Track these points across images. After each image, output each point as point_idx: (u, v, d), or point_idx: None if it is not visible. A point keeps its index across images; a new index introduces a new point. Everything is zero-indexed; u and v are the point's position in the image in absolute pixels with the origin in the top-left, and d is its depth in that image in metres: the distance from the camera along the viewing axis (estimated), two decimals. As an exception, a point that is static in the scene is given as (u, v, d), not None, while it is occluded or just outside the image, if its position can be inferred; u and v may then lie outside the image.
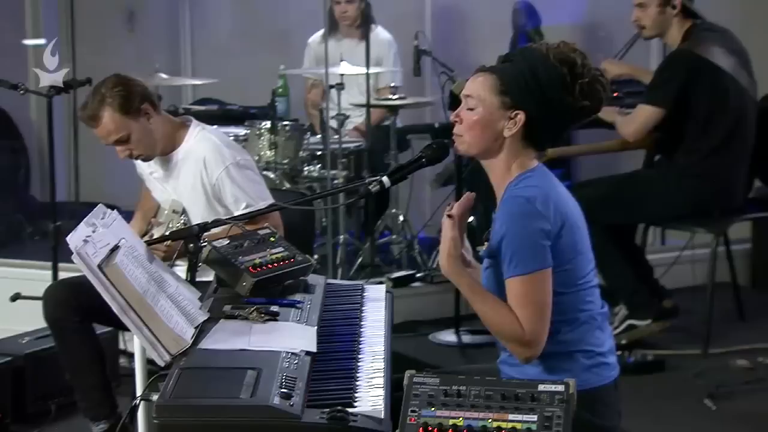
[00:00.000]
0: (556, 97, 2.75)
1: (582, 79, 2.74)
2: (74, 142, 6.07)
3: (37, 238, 6.74)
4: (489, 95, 2.78)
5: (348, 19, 6.54)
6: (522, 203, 2.73)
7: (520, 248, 2.70)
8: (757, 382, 4.84)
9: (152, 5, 7.93)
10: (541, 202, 2.73)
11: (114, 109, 3.88)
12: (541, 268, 2.70)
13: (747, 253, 6.41)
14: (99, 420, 4.07)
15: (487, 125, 2.78)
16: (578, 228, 2.81)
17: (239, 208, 3.93)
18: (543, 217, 2.71)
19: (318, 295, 3.03)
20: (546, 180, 2.82)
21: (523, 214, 2.72)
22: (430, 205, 6.89)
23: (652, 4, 5.17)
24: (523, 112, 2.76)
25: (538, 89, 2.75)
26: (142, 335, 2.58)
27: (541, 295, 2.70)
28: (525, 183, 2.78)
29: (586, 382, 2.72)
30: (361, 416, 2.36)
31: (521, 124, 2.77)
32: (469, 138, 2.81)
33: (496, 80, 2.78)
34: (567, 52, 2.76)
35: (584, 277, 2.81)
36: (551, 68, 2.75)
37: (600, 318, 2.84)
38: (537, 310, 2.70)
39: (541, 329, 2.70)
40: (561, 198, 2.80)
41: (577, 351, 2.78)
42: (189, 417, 2.31)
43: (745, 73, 5.21)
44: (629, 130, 5.19)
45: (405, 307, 5.50)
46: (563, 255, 2.75)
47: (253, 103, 6.49)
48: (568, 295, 2.77)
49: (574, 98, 2.75)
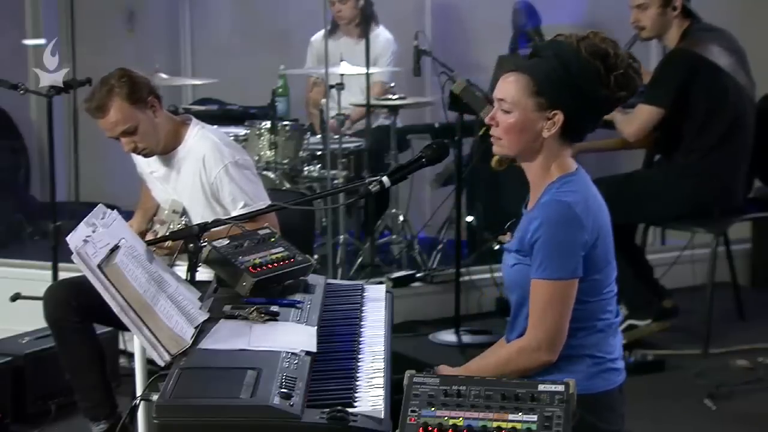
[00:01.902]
0: (593, 92, 2.70)
1: (617, 71, 2.69)
2: (74, 142, 6.07)
3: (37, 238, 6.74)
4: (523, 97, 2.72)
5: (343, 18, 6.57)
6: (564, 209, 2.67)
7: (554, 254, 2.66)
8: (757, 382, 4.84)
9: (152, 5, 7.93)
10: (582, 209, 2.68)
11: (122, 99, 3.87)
12: (569, 277, 2.67)
13: (747, 253, 6.41)
14: (99, 420, 4.07)
15: (525, 128, 2.72)
16: (609, 237, 2.77)
17: (237, 207, 3.93)
18: (582, 227, 2.67)
19: (318, 295, 3.03)
20: (586, 186, 2.77)
21: (563, 221, 2.67)
22: (430, 205, 6.89)
23: (653, 5, 5.15)
24: (561, 111, 2.71)
25: (574, 87, 2.69)
26: (142, 335, 2.58)
27: (563, 303, 2.68)
28: (567, 187, 2.72)
29: (592, 386, 2.73)
30: (361, 416, 2.36)
31: (560, 123, 2.72)
32: (507, 141, 2.75)
33: (529, 81, 2.71)
34: (598, 44, 2.69)
35: (609, 286, 2.78)
36: (585, 63, 2.68)
37: (616, 325, 2.83)
38: (556, 317, 2.68)
39: (559, 335, 2.68)
40: (598, 206, 2.76)
41: (587, 356, 2.76)
42: (189, 417, 2.30)
43: (743, 72, 5.22)
44: (630, 130, 5.19)
45: (405, 307, 5.50)
46: (595, 265, 2.71)
47: (253, 103, 6.50)
48: (591, 303, 2.74)
49: (611, 90, 2.70)
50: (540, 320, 2.69)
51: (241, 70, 7.13)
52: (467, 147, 5.54)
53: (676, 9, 5.15)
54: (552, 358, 2.70)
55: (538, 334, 2.69)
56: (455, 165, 5.56)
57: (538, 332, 2.69)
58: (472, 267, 5.85)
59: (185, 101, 7.11)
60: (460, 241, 5.62)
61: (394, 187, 3.71)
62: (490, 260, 5.63)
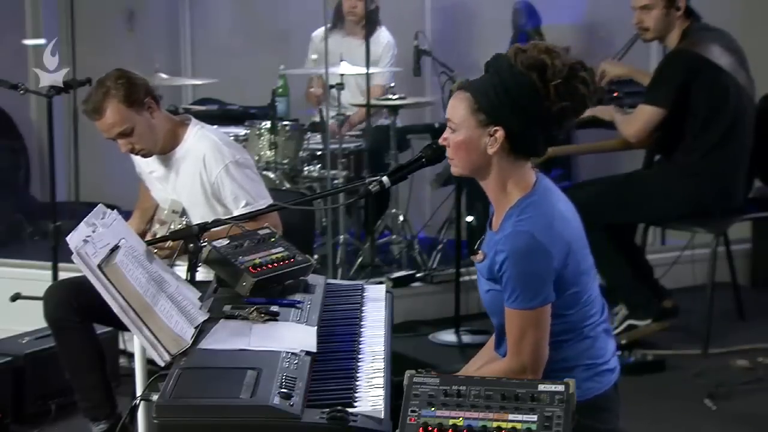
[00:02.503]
0: (531, 106, 2.65)
1: (554, 81, 2.63)
2: (74, 142, 6.07)
3: (37, 238, 6.74)
4: (466, 115, 2.70)
5: (356, 15, 6.53)
6: (527, 240, 2.63)
7: (523, 286, 2.64)
8: (757, 382, 4.84)
9: (152, 5, 7.94)
10: (546, 235, 2.64)
11: (119, 101, 3.87)
12: (542, 305, 2.66)
13: (747, 253, 6.41)
14: (99, 420, 4.07)
15: (470, 146, 2.70)
16: (581, 247, 2.74)
17: (238, 207, 3.93)
18: (548, 254, 2.63)
19: (318, 295, 3.03)
20: (547, 202, 2.72)
21: (528, 253, 2.63)
22: (430, 205, 6.89)
23: (657, 6, 5.13)
24: (500, 127, 2.67)
25: (510, 101, 2.65)
26: (142, 335, 2.58)
27: (538, 328, 2.67)
28: (528, 212, 2.68)
29: (587, 392, 2.72)
30: (361, 416, 2.36)
31: (501, 139, 2.67)
32: (458, 160, 2.74)
33: (471, 98, 2.70)
34: (535, 56, 2.65)
35: (588, 292, 2.77)
36: (519, 77, 2.64)
37: (602, 327, 2.81)
38: (533, 343, 2.67)
39: (539, 358, 2.68)
40: (563, 220, 2.71)
41: (579, 365, 2.76)
42: (189, 417, 2.31)
43: (743, 72, 5.21)
44: (631, 130, 5.19)
45: (405, 307, 5.50)
46: (569, 282, 2.69)
47: (253, 103, 6.50)
48: (572, 314, 2.74)
49: (551, 102, 2.64)
50: (518, 347, 2.68)
51: (241, 70, 7.13)
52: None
53: (680, 9, 5.15)
54: (537, 377, 2.70)
55: (519, 360, 2.69)
56: (455, 165, 5.56)
57: (519, 358, 2.69)
58: (472, 267, 5.84)
59: (185, 101, 7.11)
60: (460, 241, 5.62)
61: (394, 187, 3.71)
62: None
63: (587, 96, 2.67)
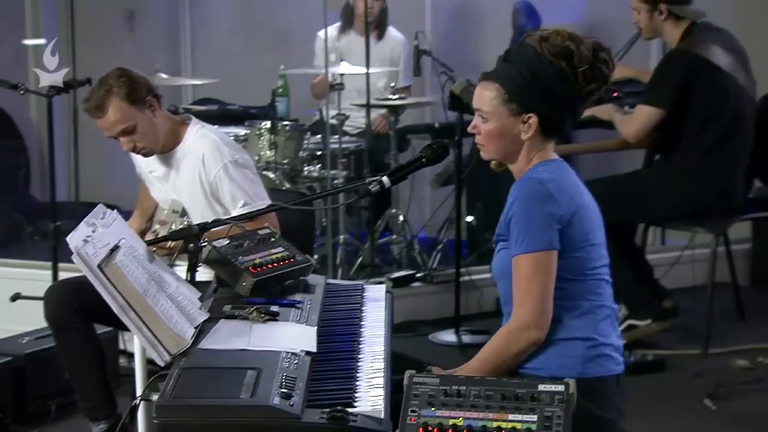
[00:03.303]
0: (562, 91, 2.78)
1: (582, 67, 2.76)
2: (74, 142, 6.07)
3: (37, 238, 6.74)
4: (496, 106, 2.81)
5: (372, 15, 6.48)
6: (534, 185, 2.76)
7: (528, 227, 2.73)
8: (757, 382, 4.84)
9: (152, 5, 7.94)
10: (555, 187, 2.76)
11: (121, 98, 3.88)
12: (547, 248, 2.73)
13: (747, 253, 6.41)
14: (99, 420, 4.07)
15: (503, 134, 2.82)
16: (593, 221, 2.84)
17: (237, 207, 3.93)
18: (554, 201, 2.74)
19: (318, 295, 3.03)
20: (563, 170, 2.85)
21: (534, 196, 2.75)
22: (430, 205, 6.90)
23: (642, 9, 5.22)
24: (534, 114, 2.79)
25: (542, 89, 2.77)
26: (142, 335, 2.58)
27: (544, 275, 2.72)
28: (542, 168, 2.81)
29: (588, 371, 2.75)
30: (361, 416, 2.36)
31: (536, 125, 2.80)
32: (490, 147, 2.86)
33: (500, 89, 2.80)
34: (560, 43, 2.77)
35: (594, 269, 2.82)
36: (549, 65, 2.76)
37: (607, 311, 2.84)
38: (539, 290, 2.72)
39: (544, 310, 2.73)
40: (576, 188, 2.83)
41: (579, 338, 2.78)
42: (189, 417, 2.31)
43: (744, 72, 5.22)
44: (630, 131, 5.20)
45: (405, 307, 5.50)
46: (574, 242, 2.77)
47: (253, 103, 6.50)
48: (575, 282, 2.78)
49: (579, 86, 2.78)
50: (524, 295, 2.73)
51: (241, 70, 7.13)
52: (467, 147, 5.53)
53: (663, 13, 5.18)
54: (540, 335, 2.73)
55: (523, 310, 2.74)
56: (455, 165, 5.56)
57: (524, 308, 2.73)
58: (472, 267, 5.86)
59: (185, 101, 7.11)
60: (460, 241, 5.62)
61: (394, 187, 3.71)
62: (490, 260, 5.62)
63: (609, 74, 2.81)
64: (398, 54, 6.64)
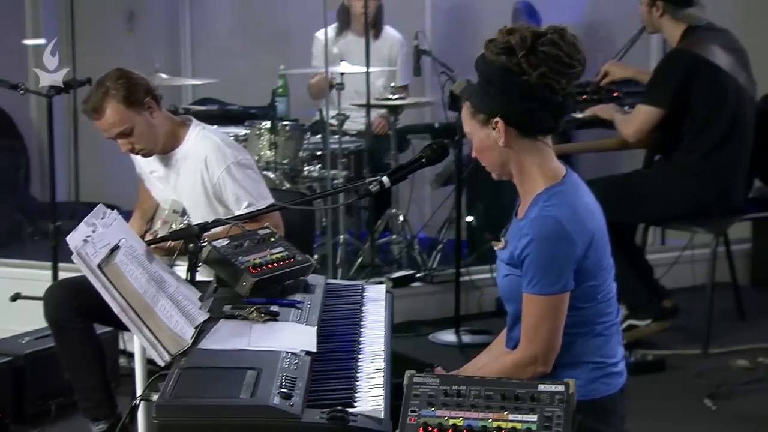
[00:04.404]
0: (511, 86, 2.69)
1: (521, 53, 2.66)
2: (74, 142, 6.07)
3: (37, 238, 6.74)
4: (470, 122, 2.79)
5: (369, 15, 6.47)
6: (551, 225, 2.67)
7: (545, 270, 2.67)
8: (757, 382, 4.84)
9: (152, 5, 7.94)
10: (571, 221, 2.68)
11: (118, 101, 3.88)
12: (560, 292, 2.68)
13: (747, 253, 6.41)
14: (99, 420, 4.07)
15: (485, 146, 2.78)
16: (603, 243, 2.77)
17: (241, 207, 3.93)
18: (572, 241, 2.67)
19: (318, 295, 3.03)
20: (575, 193, 2.76)
21: (552, 237, 2.67)
22: (430, 205, 6.90)
23: (643, 3, 5.24)
24: (498, 117, 2.72)
25: (492, 89, 2.72)
26: (142, 335, 2.58)
27: (554, 317, 2.69)
28: (554, 200, 2.72)
29: (594, 392, 2.74)
30: (361, 416, 2.36)
31: (503, 127, 2.73)
32: (487, 165, 2.83)
33: (468, 105, 2.79)
34: (501, 39, 2.71)
35: (605, 290, 2.78)
36: (492, 65, 2.70)
37: (616, 328, 2.83)
38: (548, 332, 2.69)
39: (551, 349, 2.70)
40: (589, 213, 2.76)
41: (588, 362, 2.76)
42: (189, 417, 2.30)
43: (744, 72, 5.22)
44: (629, 130, 5.20)
45: (405, 307, 5.50)
46: (588, 273, 2.72)
47: (253, 103, 6.50)
48: (587, 308, 2.75)
49: (527, 74, 2.67)
50: (533, 334, 2.70)
51: (241, 70, 7.13)
52: (467, 147, 5.52)
53: (659, 9, 5.18)
54: (546, 370, 2.72)
55: (532, 346, 2.71)
56: (455, 165, 5.57)
57: (533, 345, 2.71)
58: (472, 267, 5.86)
59: (185, 101, 7.11)
60: (460, 241, 5.62)
61: (394, 187, 3.71)
62: (490, 260, 5.61)
63: (563, 54, 2.68)
64: (396, 53, 6.65)
